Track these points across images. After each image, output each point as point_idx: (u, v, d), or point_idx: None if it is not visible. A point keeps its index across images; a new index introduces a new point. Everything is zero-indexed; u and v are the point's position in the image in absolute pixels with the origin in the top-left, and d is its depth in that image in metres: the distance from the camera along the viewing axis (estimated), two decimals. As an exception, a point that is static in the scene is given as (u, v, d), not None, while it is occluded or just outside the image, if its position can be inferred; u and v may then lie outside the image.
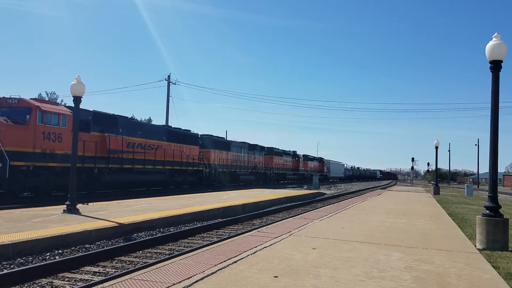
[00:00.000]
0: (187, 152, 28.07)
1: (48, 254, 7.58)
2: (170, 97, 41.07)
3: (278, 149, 51.22)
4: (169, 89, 41.32)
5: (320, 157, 73.50)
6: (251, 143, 42.31)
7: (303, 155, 62.47)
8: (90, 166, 19.18)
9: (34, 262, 7.09)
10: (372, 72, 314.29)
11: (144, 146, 23.42)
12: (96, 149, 19.36)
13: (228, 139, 40.67)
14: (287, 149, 55.96)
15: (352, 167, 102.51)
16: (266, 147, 47.80)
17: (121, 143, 21.30)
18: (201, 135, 32.76)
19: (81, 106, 12.70)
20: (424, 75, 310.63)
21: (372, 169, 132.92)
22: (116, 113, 22.21)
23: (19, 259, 7.12)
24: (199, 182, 30.68)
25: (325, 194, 30.82)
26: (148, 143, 23.80)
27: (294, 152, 57.60)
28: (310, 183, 51.36)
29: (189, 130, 29.91)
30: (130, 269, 6.78)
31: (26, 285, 6.06)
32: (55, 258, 7.33)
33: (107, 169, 20.37)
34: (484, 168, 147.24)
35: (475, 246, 7.92)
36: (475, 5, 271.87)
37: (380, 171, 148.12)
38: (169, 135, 26.18)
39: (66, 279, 6.41)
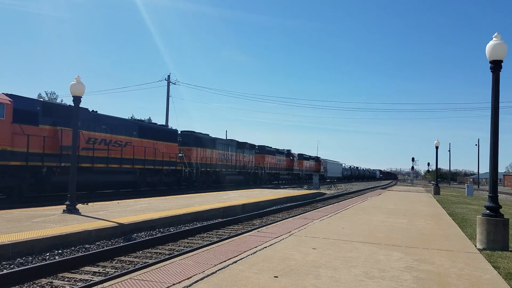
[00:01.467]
0: (163, 149, 25.32)
1: (48, 254, 7.58)
2: (170, 97, 41.13)
3: (271, 147, 48.91)
4: (169, 89, 41.36)
5: (317, 156, 71.13)
6: (240, 140, 39.74)
7: (298, 154, 59.92)
8: (36, 164, 16.63)
9: (34, 262, 7.09)
10: (372, 72, 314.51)
11: (108, 142, 20.68)
12: (45, 144, 16.85)
13: (221, 137, 37.55)
14: (285, 148, 54.18)
15: (350, 166, 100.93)
16: (257, 146, 45.34)
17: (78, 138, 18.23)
18: (181, 131, 30.59)
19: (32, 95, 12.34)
20: (424, 75, 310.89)
21: (371, 169, 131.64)
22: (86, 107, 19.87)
23: (19, 259, 7.12)
24: (178, 183, 27.91)
25: (325, 194, 30.82)
26: (114, 139, 20.99)
27: (288, 151, 55.13)
28: (306, 183, 50.98)
29: (166, 126, 27.36)
30: (130, 269, 6.77)
31: (26, 285, 6.05)
32: (55, 258, 7.33)
33: (59, 168, 17.64)
34: (485, 168, 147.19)
35: (476, 246, 7.91)
36: (475, 5, 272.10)
37: (380, 171, 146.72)
38: (140, 131, 23.51)
39: (66, 279, 6.40)
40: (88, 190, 19.84)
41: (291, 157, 54.82)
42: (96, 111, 20.85)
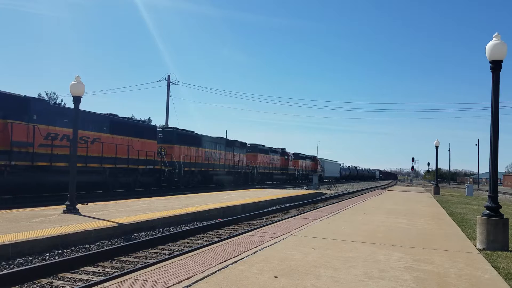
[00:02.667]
0: (139, 147, 23.08)
1: (47, 254, 7.58)
2: (170, 97, 41.15)
3: (264, 146, 46.52)
4: (169, 89, 41.38)
5: (313, 156, 68.66)
6: (230, 138, 37.55)
7: (294, 153, 57.69)
8: None
9: (33, 262, 7.08)
10: (372, 72, 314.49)
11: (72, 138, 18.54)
12: None
13: (208, 134, 34.63)
14: (280, 147, 52.38)
15: (349, 166, 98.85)
16: (249, 144, 42.94)
17: (33, 133, 16.39)
18: (163, 127, 28.74)
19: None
20: (424, 75, 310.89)
21: (371, 169, 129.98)
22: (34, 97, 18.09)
23: (18, 259, 7.11)
24: (157, 184, 25.46)
25: (325, 194, 30.84)
26: (79, 134, 17.16)
27: (283, 149, 52.98)
28: (302, 183, 50.05)
29: (144, 121, 25.48)
30: (130, 269, 6.77)
31: (25, 285, 6.05)
32: (54, 258, 7.33)
33: (9, 166, 15.63)
34: (484, 168, 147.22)
35: (475, 246, 7.91)
36: (475, 5, 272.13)
37: (380, 171, 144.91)
38: (112, 126, 21.22)
39: (66, 279, 6.40)
40: (46, 191, 17.71)
41: (286, 156, 52.80)
42: (59, 103, 19.75)
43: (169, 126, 29.23)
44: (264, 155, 45.36)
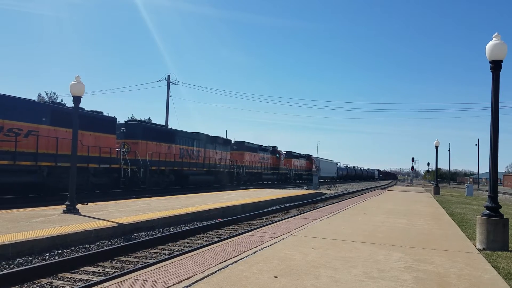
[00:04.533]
0: (91, 142, 19.89)
1: (47, 254, 7.58)
2: (170, 97, 41.10)
3: (252, 143, 43.18)
4: (169, 89, 41.37)
5: (308, 154, 65.14)
6: (212, 135, 34.00)
7: (286, 151, 54.56)
8: None
9: (33, 262, 7.08)
10: (372, 72, 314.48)
11: None
12: None
13: (192, 131, 31.47)
14: (270, 145, 49.55)
15: (346, 166, 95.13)
16: (235, 141, 40.30)
17: None
18: (126, 121, 25.37)
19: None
20: (424, 75, 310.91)
21: (370, 168, 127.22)
22: None
23: (18, 259, 7.11)
24: (115, 185, 21.91)
25: (325, 194, 30.84)
26: (7, 126, 15.93)
27: (274, 147, 49.89)
28: (301, 184, 48.82)
29: (101, 112, 21.57)
30: (129, 269, 6.77)
31: (25, 285, 6.05)
32: (54, 258, 7.33)
33: None
34: (484, 168, 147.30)
35: (475, 246, 7.91)
36: (475, 5, 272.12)
37: (379, 170, 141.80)
38: (54, 117, 17.95)
39: (66, 279, 6.40)
40: None
41: (277, 155, 49.66)
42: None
43: (135, 119, 26.43)
44: (252, 154, 42.18)
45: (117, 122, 23.24)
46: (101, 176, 20.87)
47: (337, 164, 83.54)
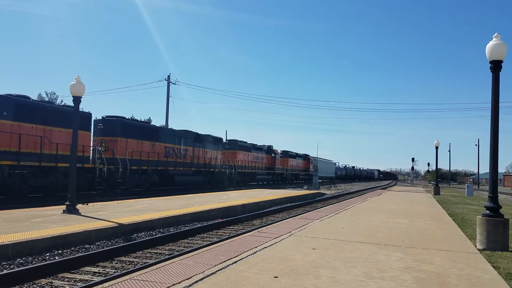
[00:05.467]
0: (62, 139, 18.13)
1: (48, 254, 7.58)
2: (170, 97, 41.11)
3: (246, 142, 41.53)
4: (169, 89, 41.38)
5: (305, 154, 63.18)
6: (201, 133, 32.24)
7: (282, 151, 52.76)
8: None
9: (34, 262, 7.09)
10: (372, 72, 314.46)
11: None
12: None
13: (175, 128, 29.96)
14: (266, 144, 47.74)
15: (345, 166, 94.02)
16: (228, 140, 38.96)
17: None
18: (104, 116, 23.34)
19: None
20: (424, 75, 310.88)
21: (370, 168, 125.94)
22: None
23: (18, 259, 7.12)
24: (90, 186, 20.19)
25: (325, 194, 30.86)
26: None
27: (269, 147, 48.09)
28: (291, 185, 47.70)
29: (65, 105, 19.68)
30: (130, 270, 6.77)
31: (25, 285, 6.05)
32: (54, 258, 7.33)
33: None
34: (484, 168, 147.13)
35: (475, 247, 7.91)
36: (475, 5, 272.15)
37: (379, 171, 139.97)
38: (17, 111, 16.65)
39: (66, 280, 6.40)
40: None
41: (272, 154, 47.76)
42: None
43: (114, 114, 23.53)
44: (245, 153, 40.33)
45: (94, 118, 21.90)
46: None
47: (335, 164, 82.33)
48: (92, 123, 21.63)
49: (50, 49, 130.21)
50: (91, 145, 20.98)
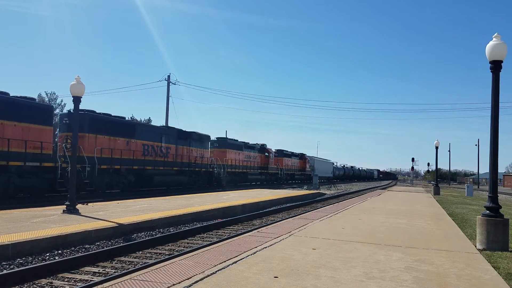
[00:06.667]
0: (17, 134, 16.64)
1: (47, 254, 7.58)
2: (170, 97, 41.11)
3: (236, 140, 39.62)
4: (169, 89, 41.38)
5: (301, 153, 61.16)
6: (186, 130, 30.14)
7: (277, 150, 50.74)
8: None
9: (33, 262, 7.09)
10: (371, 73, 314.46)
11: None
12: None
13: (154, 123, 28.69)
14: (259, 142, 45.61)
15: (343, 166, 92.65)
16: (217, 138, 36.82)
17: None
18: (68, 110, 20.96)
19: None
20: (424, 75, 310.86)
21: (369, 168, 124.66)
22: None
23: (18, 259, 7.12)
24: (50, 187, 18.37)
25: (325, 194, 30.86)
26: None
27: (263, 145, 45.60)
28: (286, 185, 46.58)
29: (33, 99, 18.49)
30: (129, 270, 6.77)
31: (25, 285, 6.05)
32: (54, 259, 7.33)
33: None
34: (484, 168, 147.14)
35: (475, 247, 7.91)
36: (475, 5, 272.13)
37: (378, 170, 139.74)
38: None
39: (66, 280, 6.40)
40: None
41: (266, 153, 45.47)
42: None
43: (82, 108, 19.15)
44: (235, 151, 38.16)
45: (61, 112, 19.69)
46: (29, 176, 17.36)
47: (333, 164, 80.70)
48: (59, 118, 19.53)
49: (50, 49, 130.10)
50: (52, 141, 18.92)
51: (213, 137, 35.88)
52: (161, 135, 26.89)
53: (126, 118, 23.90)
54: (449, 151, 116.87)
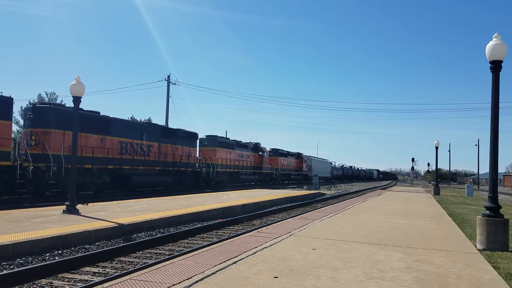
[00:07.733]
0: None
1: (48, 254, 7.58)
2: (170, 97, 41.09)
3: (228, 138, 38.17)
4: (169, 89, 41.38)
5: (298, 153, 58.56)
6: (171, 127, 28.64)
7: (272, 149, 48.84)
8: None
9: (34, 262, 7.09)
10: (371, 73, 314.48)
11: None
12: None
13: (132, 119, 26.35)
14: (252, 141, 43.82)
15: (342, 165, 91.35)
16: (206, 135, 34.83)
17: None
18: (33, 103, 19.35)
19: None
20: (424, 75, 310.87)
21: (369, 168, 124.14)
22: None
23: (18, 259, 7.12)
24: (8, 189, 16.53)
25: (325, 194, 30.87)
26: None
27: (256, 144, 43.56)
28: (281, 185, 45.23)
29: None
30: (129, 270, 6.77)
31: (25, 285, 6.05)
32: (54, 259, 7.33)
33: None
34: (484, 168, 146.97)
35: (475, 247, 7.91)
36: (475, 5, 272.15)
37: (378, 171, 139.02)
38: None
39: (66, 280, 6.40)
40: None
41: (260, 152, 43.37)
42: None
43: (47, 102, 19.21)
44: (226, 150, 36.29)
45: (25, 106, 17.92)
46: None
47: (331, 164, 79.25)
48: (23, 113, 17.50)
49: (50, 49, 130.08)
50: (10, 137, 17.33)
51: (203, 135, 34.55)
52: (142, 132, 24.93)
53: (105, 114, 21.96)
54: (449, 151, 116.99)
